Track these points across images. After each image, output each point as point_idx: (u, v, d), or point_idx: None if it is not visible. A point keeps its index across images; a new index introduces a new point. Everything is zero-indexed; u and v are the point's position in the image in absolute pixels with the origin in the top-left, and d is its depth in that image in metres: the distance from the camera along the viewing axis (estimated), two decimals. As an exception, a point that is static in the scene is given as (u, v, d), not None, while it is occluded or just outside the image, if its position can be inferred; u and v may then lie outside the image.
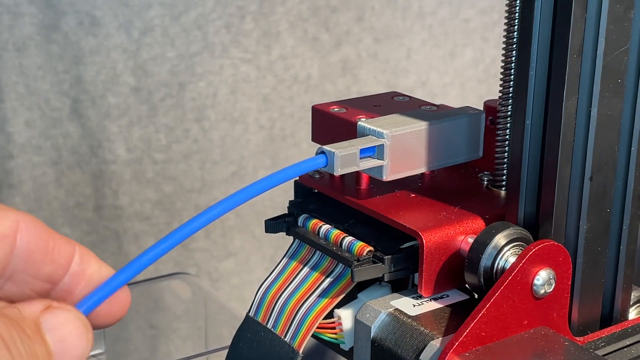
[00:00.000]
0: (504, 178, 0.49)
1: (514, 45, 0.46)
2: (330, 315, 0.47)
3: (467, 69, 1.04)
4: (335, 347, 0.48)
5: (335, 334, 0.47)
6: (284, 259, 0.50)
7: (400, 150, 0.46)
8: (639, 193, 0.46)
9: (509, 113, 0.47)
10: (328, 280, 0.47)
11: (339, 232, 0.48)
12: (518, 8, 0.45)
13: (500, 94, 0.48)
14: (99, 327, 0.39)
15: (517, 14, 0.46)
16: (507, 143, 0.48)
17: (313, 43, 0.95)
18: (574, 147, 0.44)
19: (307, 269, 0.48)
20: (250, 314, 0.49)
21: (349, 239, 0.47)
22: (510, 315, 0.43)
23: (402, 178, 0.47)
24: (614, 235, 0.46)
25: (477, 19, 1.02)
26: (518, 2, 0.45)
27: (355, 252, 0.46)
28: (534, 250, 0.43)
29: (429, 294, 0.45)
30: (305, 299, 0.47)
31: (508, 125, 0.48)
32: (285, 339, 0.47)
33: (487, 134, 0.50)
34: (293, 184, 0.51)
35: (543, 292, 0.43)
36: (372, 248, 0.46)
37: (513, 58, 0.47)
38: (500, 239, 0.44)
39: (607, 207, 0.45)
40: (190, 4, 0.89)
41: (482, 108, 0.51)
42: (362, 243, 0.46)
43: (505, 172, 0.49)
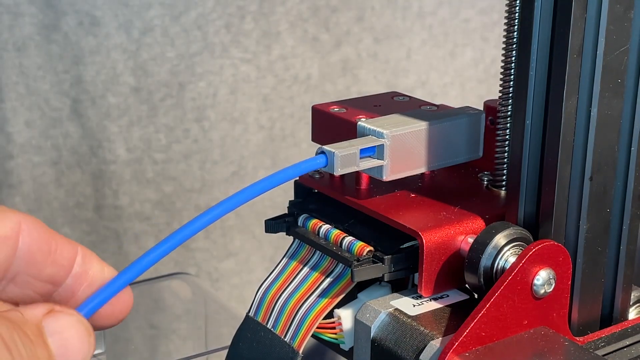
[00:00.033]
0: (504, 178, 0.49)
1: (514, 45, 0.46)
2: (330, 315, 0.47)
3: (467, 69, 1.04)
4: (335, 347, 0.48)
5: (335, 334, 0.47)
6: (284, 259, 0.50)
7: (400, 150, 0.46)
8: (639, 193, 0.46)
9: (509, 113, 0.47)
10: (328, 280, 0.47)
11: (339, 232, 0.48)
12: (518, 8, 0.45)
13: (500, 94, 0.48)
14: (102, 328, 0.39)
15: (517, 14, 0.46)
16: (507, 143, 0.48)
17: (313, 43, 0.95)
18: (574, 147, 0.44)
19: (307, 269, 0.48)
20: (250, 314, 0.49)
21: (349, 239, 0.47)
22: (510, 315, 0.43)
23: (402, 178, 0.47)
24: (614, 235, 0.46)
25: (477, 19, 1.02)
26: (518, 2, 0.45)
27: (355, 252, 0.46)
28: (534, 250, 0.43)
29: (429, 294, 0.45)
30: (305, 299, 0.47)
31: (508, 125, 0.48)
32: (285, 339, 0.47)
33: (487, 134, 0.50)
34: (293, 184, 0.51)
35: (543, 292, 0.43)
36: (372, 248, 0.46)
37: (513, 58, 0.46)
38: (500, 239, 0.44)
39: (607, 207, 0.45)
40: (190, 4, 0.89)
41: (482, 108, 0.51)
42: (362, 243, 0.46)
43: (505, 172, 0.49)
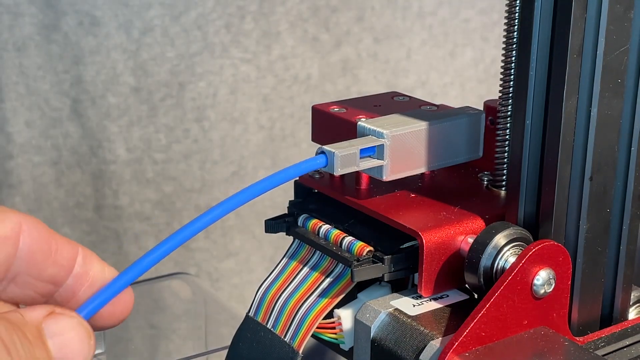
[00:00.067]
0: (504, 178, 0.49)
1: (514, 45, 0.46)
2: (330, 315, 0.47)
3: (467, 69, 1.04)
4: (335, 347, 0.48)
5: (335, 334, 0.47)
6: (284, 259, 0.50)
7: (400, 150, 0.46)
8: (639, 193, 0.46)
9: (509, 113, 0.47)
10: (328, 280, 0.47)
11: (339, 232, 0.48)
12: (518, 8, 0.45)
13: (500, 94, 0.48)
14: (103, 328, 0.39)
15: (517, 14, 0.46)
16: (507, 143, 0.48)
17: (313, 43, 0.95)
18: (574, 147, 0.44)
19: (307, 269, 0.48)
20: (250, 314, 0.49)
21: (349, 239, 0.47)
22: (510, 315, 0.43)
23: (402, 178, 0.47)
24: (614, 235, 0.46)
25: (477, 19, 1.02)
26: (518, 2, 0.45)
27: (355, 252, 0.46)
28: (534, 250, 0.43)
29: (429, 294, 0.45)
30: (305, 299, 0.47)
31: (508, 125, 0.48)
32: (285, 339, 0.47)
33: (487, 134, 0.50)
34: (293, 184, 0.51)
35: (543, 292, 0.43)
36: (372, 248, 0.46)
37: (513, 58, 0.46)
38: (500, 239, 0.44)
39: (607, 207, 0.45)
40: (190, 4, 0.89)
41: (482, 108, 0.51)
42: (362, 243, 0.46)
43: (505, 172, 0.49)
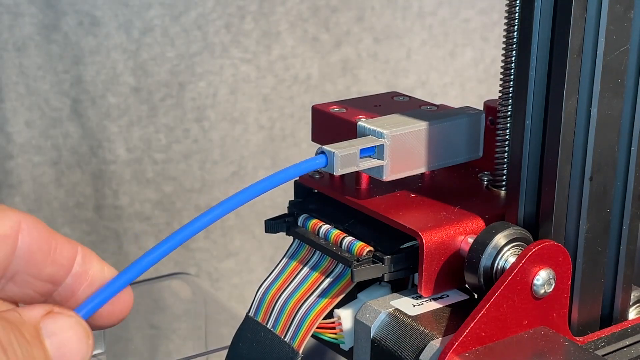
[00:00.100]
0: (504, 178, 0.49)
1: (514, 45, 0.46)
2: (330, 315, 0.47)
3: (467, 69, 1.04)
4: (335, 347, 0.48)
5: (335, 334, 0.47)
6: (284, 259, 0.50)
7: (400, 150, 0.46)
8: (639, 193, 0.46)
9: (509, 113, 0.47)
10: (328, 280, 0.47)
11: (339, 232, 0.48)
12: (518, 8, 0.45)
13: (500, 94, 0.48)
14: (102, 327, 0.39)
15: (517, 14, 0.46)
16: (507, 143, 0.48)
17: (313, 43, 0.95)
18: (574, 147, 0.44)
19: (307, 269, 0.48)
20: (250, 314, 0.49)
21: (349, 239, 0.47)
22: (510, 315, 0.43)
23: (402, 178, 0.47)
24: (614, 235, 0.46)
25: (477, 19, 1.02)
26: (518, 2, 0.45)
27: (355, 252, 0.46)
28: (534, 250, 0.43)
29: (429, 294, 0.45)
30: (305, 299, 0.47)
31: (508, 125, 0.48)
32: (285, 339, 0.47)
33: (487, 134, 0.50)
34: (293, 184, 0.51)
35: (543, 292, 0.43)
36: (372, 248, 0.46)
37: (513, 58, 0.46)
38: (500, 239, 0.44)
39: (607, 207, 0.45)
40: (190, 4, 0.89)
41: (482, 108, 0.51)
42: (362, 243, 0.46)
43: (505, 172, 0.49)
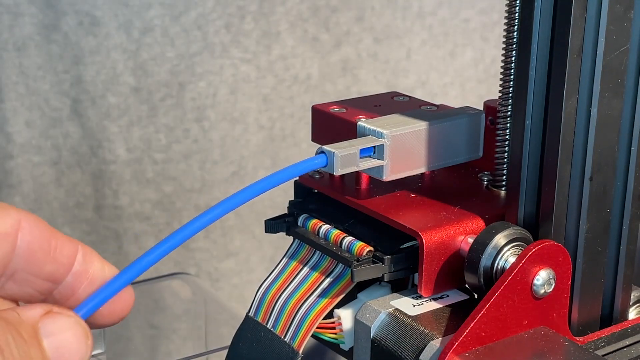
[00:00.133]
0: (504, 178, 0.49)
1: (514, 45, 0.46)
2: (330, 315, 0.47)
3: (467, 69, 1.04)
4: (335, 347, 0.48)
5: (335, 334, 0.47)
6: (284, 259, 0.50)
7: (400, 150, 0.46)
8: (639, 193, 0.46)
9: (509, 113, 0.47)
10: (328, 280, 0.47)
11: (339, 232, 0.48)
12: (518, 8, 0.45)
13: (500, 94, 0.48)
14: (102, 326, 0.39)
15: (517, 14, 0.46)
16: (507, 143, 0.48)
17: (313, 43, 0.95)
18: (574, 147, 0.44)
19: (307, 269, 0.48)
20: (250, 314, 0.49)
21: (349, 239, 0.47)
22: (510, 315, 0.43)
23: (402, 178, 0.47)
24: (614, 235, 0.46)
25: (477, 19, 1.02)
26: (518, 2, 0.45)
27: (355, 252, 0.46)
28: (534, 250, 0.43)
29: (429, 294, 0.45)
30: (305, 299, 0.47)
31: (508, 125, 0.48)
32: (285, 339, 0.47)
33: (487, 134, 0.50)
34: (293, 184, 0.51)
35: (543, 292, 0.43)
36: (372, 248, 0.46)
37: (513, 58, 0.46)
38: (500, 239, 0.44)
39: (607, 207, 0.45)
40: (190, 4, 0.89)
41: (482, 108, 0.51)
42: (362, 243, 0.46)
43: (505, 172, 0.49)
